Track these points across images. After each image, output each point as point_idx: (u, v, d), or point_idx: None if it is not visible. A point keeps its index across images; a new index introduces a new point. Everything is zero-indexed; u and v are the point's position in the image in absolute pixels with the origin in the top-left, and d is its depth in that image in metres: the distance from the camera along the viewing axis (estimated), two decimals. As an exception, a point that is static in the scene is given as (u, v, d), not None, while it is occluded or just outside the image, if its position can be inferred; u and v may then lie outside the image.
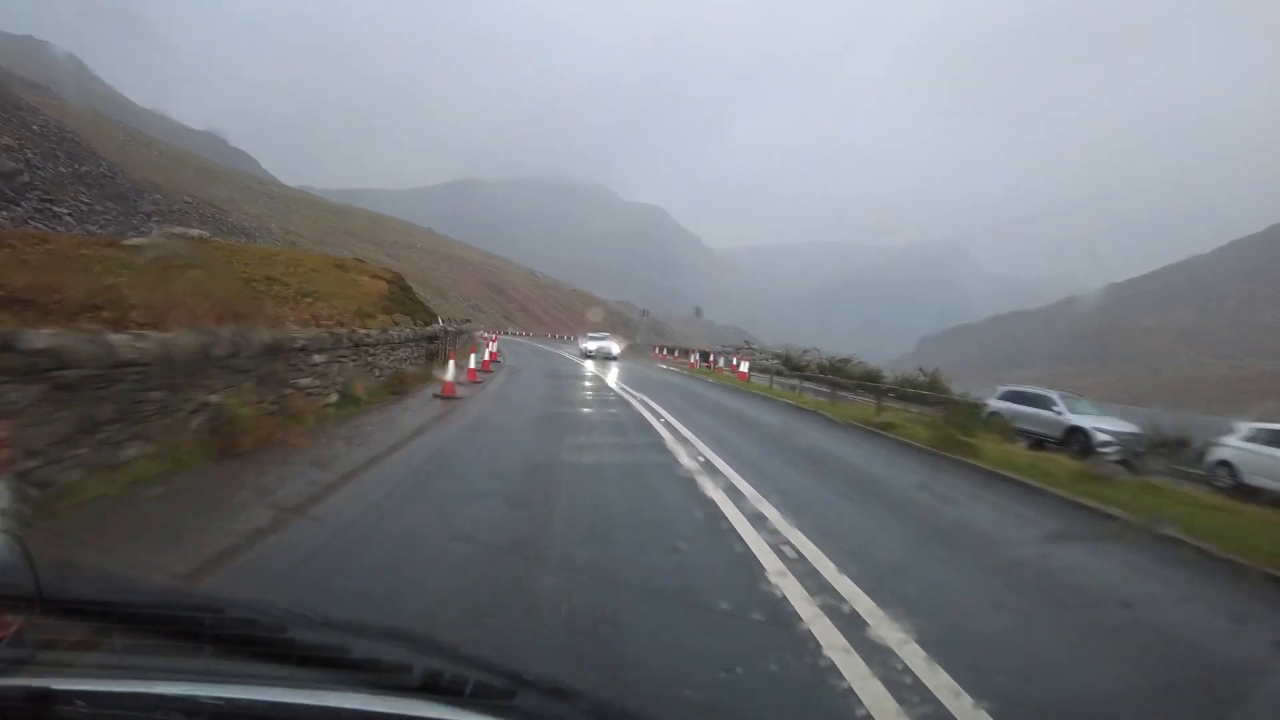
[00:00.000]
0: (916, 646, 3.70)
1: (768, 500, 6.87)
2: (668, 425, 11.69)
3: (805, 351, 26.45)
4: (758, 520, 6.14)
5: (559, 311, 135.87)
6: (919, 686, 3.29)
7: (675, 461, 8.84)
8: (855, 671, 3.38)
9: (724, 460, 8.91)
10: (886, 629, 3.92)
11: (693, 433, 11.01)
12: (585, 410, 14.53)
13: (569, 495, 6.94)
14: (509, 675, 1.33)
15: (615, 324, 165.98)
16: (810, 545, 5.45)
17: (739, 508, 6.53)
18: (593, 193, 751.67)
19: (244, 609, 1.48)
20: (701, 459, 8.96)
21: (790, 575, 4.74)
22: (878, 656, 3.56)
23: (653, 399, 15.80)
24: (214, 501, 5.73)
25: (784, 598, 4.34)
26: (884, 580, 4.82)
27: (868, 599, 4.35)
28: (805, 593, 4.41)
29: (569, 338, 67.33)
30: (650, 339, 61.14)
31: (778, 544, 5.45)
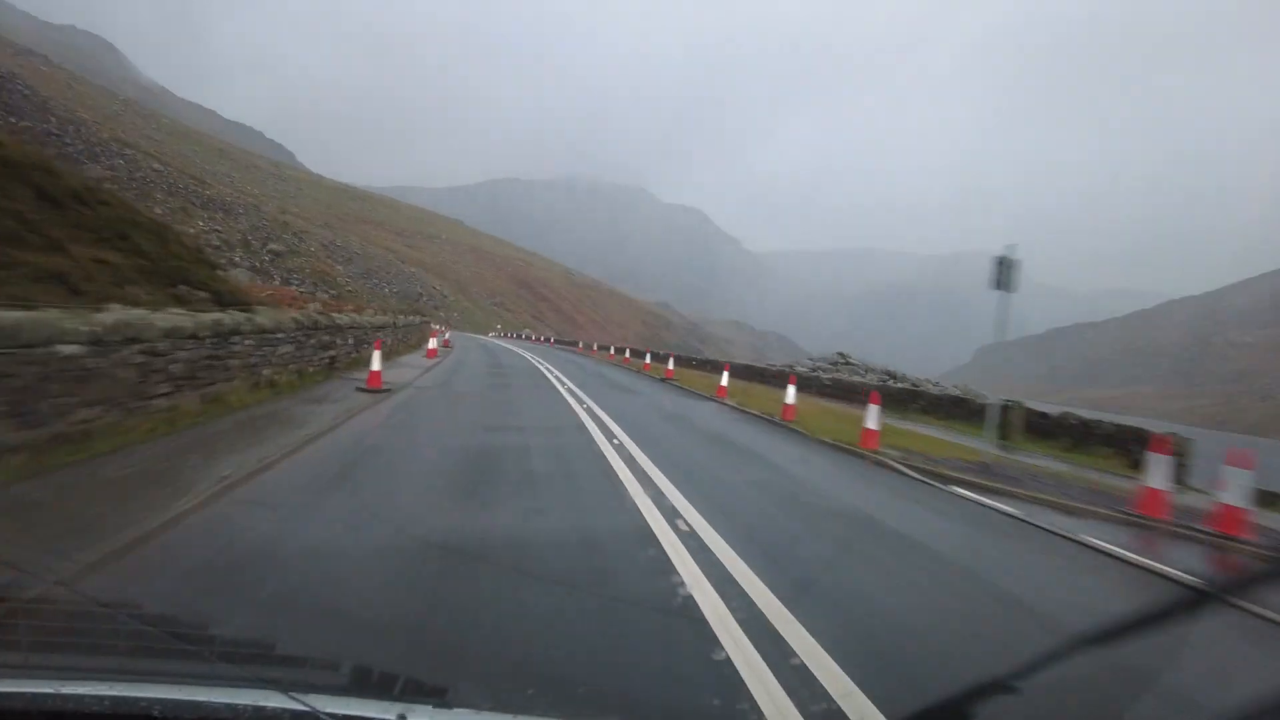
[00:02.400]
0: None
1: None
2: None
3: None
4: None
5: (595, 313, 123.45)
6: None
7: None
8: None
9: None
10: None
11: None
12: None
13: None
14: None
15: (655, 326, 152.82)
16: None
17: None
18: (631, 194, 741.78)
19: (163, 604, 1.42)
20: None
21: None
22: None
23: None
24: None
25: None
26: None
27: None
28: None
29: (620, 354, 46.37)
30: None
31: None
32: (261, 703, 1.10)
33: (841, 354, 48.42)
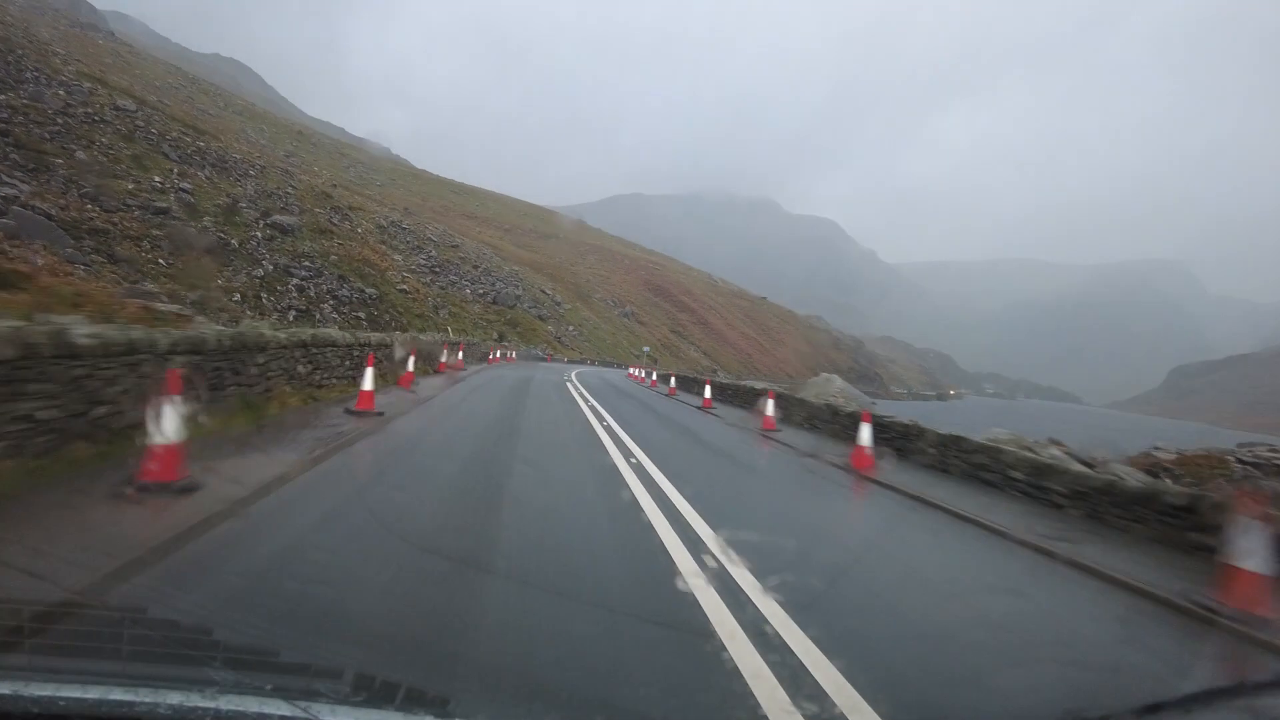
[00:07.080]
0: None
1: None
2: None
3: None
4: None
5: (749, 327, 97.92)
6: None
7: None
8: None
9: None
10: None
11: None
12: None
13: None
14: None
15: (821, 345, 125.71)
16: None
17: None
18: (760, 206, 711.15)
19: (167, 610, 1.38)
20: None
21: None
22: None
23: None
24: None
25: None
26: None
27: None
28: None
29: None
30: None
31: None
32: (261, 709, 1.10)
33: None
